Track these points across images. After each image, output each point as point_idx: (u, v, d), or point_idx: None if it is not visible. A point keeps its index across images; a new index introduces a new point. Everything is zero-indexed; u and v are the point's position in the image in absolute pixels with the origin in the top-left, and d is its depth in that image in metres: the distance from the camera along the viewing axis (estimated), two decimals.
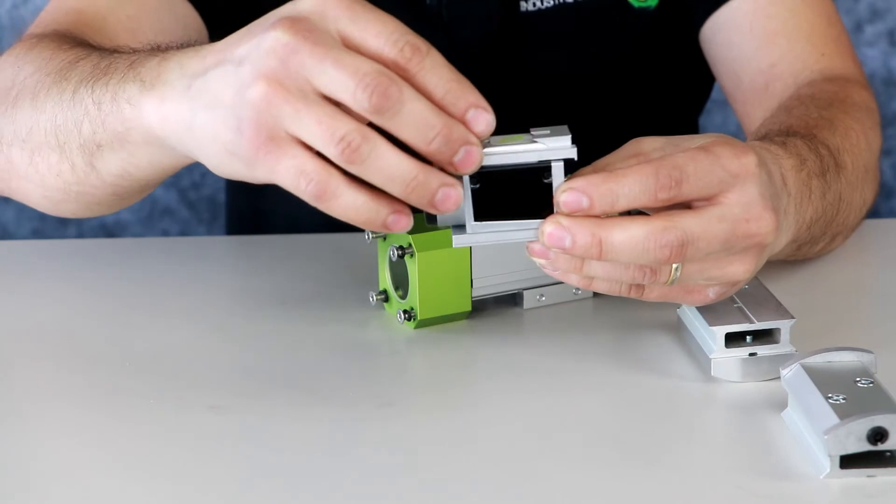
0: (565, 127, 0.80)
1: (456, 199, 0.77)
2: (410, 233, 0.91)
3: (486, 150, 0.78)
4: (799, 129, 1.01)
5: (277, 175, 0.76)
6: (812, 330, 0.88)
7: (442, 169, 0.77)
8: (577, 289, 0.98)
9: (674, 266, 0.80)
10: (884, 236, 1.15)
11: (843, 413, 0.75)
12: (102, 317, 0.98)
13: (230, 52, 0.79)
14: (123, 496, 0.76)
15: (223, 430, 0.82)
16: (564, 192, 0.78)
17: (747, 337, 0.86)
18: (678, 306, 0.91)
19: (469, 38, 1.20)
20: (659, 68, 1.26)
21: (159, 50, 0.88)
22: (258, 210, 1.33)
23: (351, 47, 0.76)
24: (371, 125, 0.76)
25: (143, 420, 0.84)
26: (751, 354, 0.86)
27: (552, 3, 1.20)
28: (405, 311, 0.93)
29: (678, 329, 0.92)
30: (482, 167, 0.78)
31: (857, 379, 0.79)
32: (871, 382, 0.79)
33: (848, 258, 1.08)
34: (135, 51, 0.91)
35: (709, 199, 0.80)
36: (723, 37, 1.20)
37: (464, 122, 0.76)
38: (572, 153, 0.79)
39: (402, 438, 0.81)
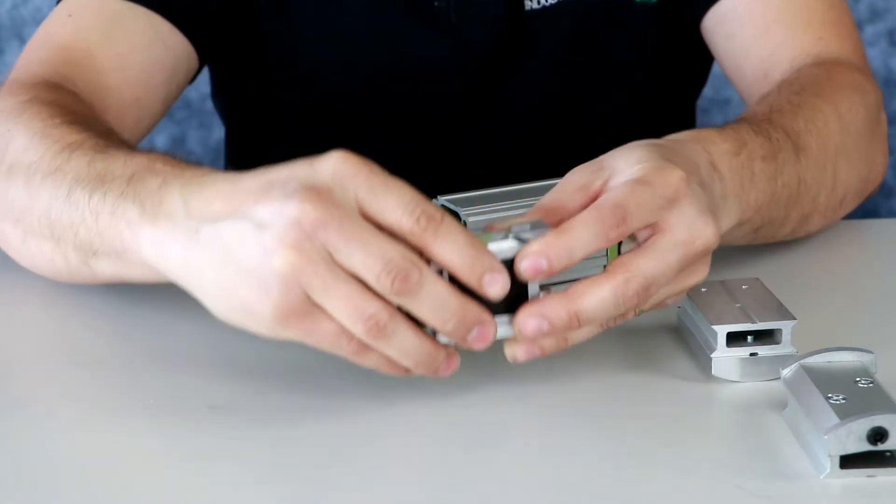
0: (543, 221, 0.81)
1: (454, 366, 0.80)
2: None
3: None
4: (757, 114, 1.02)
5: (313, 339, 0.79)
6: (812, 330, 0.88)
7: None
8: None
9: None
10: (884, 236, 1.15)
11: (844, 413, 0.75)
12: (102, 316, 0.98)
13: (246, 208, 0.78)
14: (123, 496, 0.76)
15: (223, 430, 0.82)
16: (523, 259, 0.79)
17: (748, 337, 0.86)
18: (678, 306, 0.91)
19: (477, 40, 1.20)
20: (661, 60, 1.26)
21: (157, 160, 0.86)
22: None
23: (369, 216, 0.77)
24: None
25: (142, 420, 0.84)
26: (751, 354, 0.86)
27: (556, 0, 1.20)
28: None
29: (678, 329, 0.92)
30: None
31: (857, 379, 0.79)
32: (871, 382, 0.79)
33: (848, 258, 1.08)
34: (131, 154, 0.89)
35: (652, 227, 0.81)
36: (724, 28, 1.20)
37: (480, 286, 0.78)
38: None
39: (402, 439, 0.81)
